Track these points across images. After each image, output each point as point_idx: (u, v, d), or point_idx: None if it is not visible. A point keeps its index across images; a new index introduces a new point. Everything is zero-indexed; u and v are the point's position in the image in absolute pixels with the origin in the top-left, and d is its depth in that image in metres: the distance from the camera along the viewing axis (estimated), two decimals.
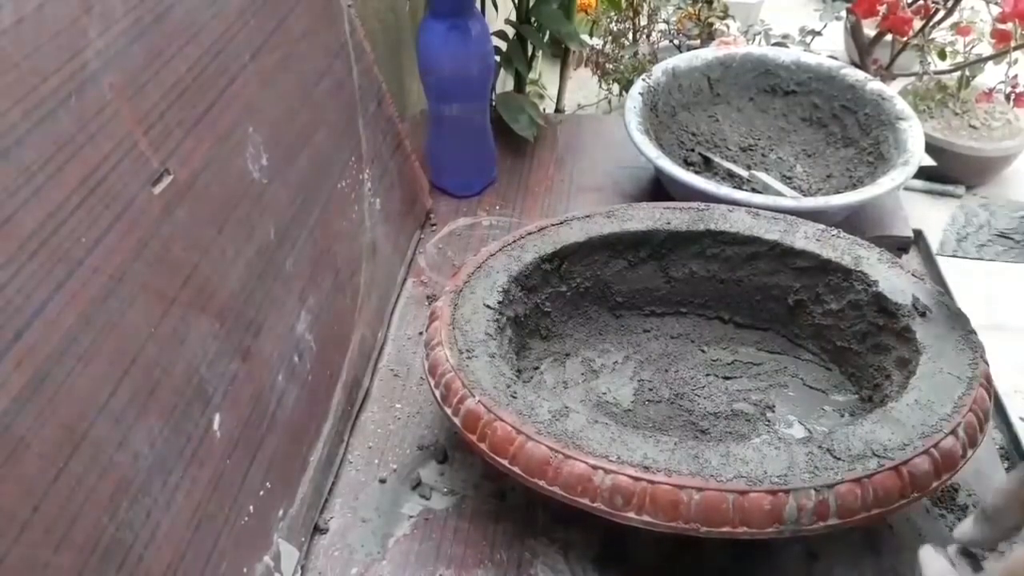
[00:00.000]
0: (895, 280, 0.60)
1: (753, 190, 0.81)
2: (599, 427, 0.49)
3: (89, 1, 0.41)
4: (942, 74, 1.55)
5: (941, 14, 1.38)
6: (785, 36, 1.54)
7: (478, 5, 0.84)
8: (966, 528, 0.43)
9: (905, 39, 1.41)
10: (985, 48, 1.43)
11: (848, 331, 0.62)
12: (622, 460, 0.46)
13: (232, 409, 0.47)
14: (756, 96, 0.92)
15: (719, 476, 0.45)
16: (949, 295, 0.68)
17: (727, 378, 0.64)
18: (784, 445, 0.47)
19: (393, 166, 0.77)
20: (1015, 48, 1.32)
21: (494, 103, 0.92)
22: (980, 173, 1.91)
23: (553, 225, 0.67)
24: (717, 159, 0.87)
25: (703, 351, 0.67)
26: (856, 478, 0.45)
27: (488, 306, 0.59)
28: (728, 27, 1.63)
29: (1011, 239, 0.59)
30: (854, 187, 0.79)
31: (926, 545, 0.43)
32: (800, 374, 0.64)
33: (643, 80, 0.87)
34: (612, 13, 1.66)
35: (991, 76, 1.52)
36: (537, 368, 0.64)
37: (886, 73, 1.45)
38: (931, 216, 1.81)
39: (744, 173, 0.84)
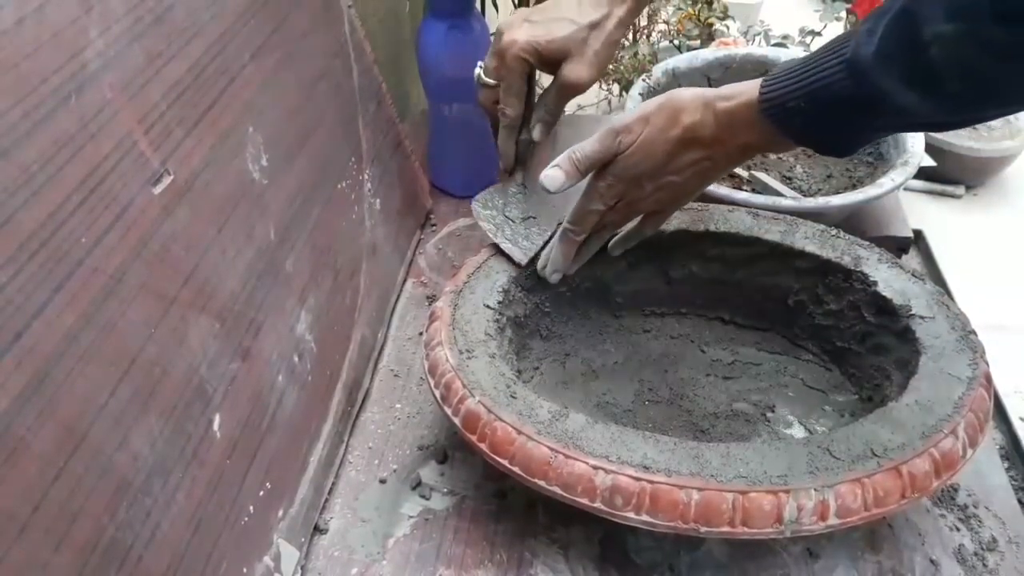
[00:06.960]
0: (895, 280, 0.60)
1: (753, 190, 0.81)
2: (599, 427, 0.49)
3: (89, 1, 0.41)
4: None
5: None
6: (785, 36, 1.54)
7: (478, 5, 0.84)
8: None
9: None
10: None
11: (848, 331, 0.62)
12: (622, 460, 0.46)
13: (232, 409, 0.47)
14: None
15: (719, 476, 0.45)
16: (949, 295, 0.68)
17: (727, 378, 0.64)
18: (784, 445, 0.47)
19: (393, 166, 0.77)
20: None
21: None
22: (980, 173, 1.92)
23: None
24: None
25: (703, 351, 0.67)
26: (856, 478, 0.45)
27: (488, 306, 0.59)
28: (728, 27, 1.63)
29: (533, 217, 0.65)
30: (854, 187, 0.79)
31: None
32: (800, 374, 0.64)
33: (643, 80, 0.87)
34: None
35: None
36: (537, 368, 0.64)
37: None
38: (931, 216, 1.81)
39: (744, 173, 0.84)
